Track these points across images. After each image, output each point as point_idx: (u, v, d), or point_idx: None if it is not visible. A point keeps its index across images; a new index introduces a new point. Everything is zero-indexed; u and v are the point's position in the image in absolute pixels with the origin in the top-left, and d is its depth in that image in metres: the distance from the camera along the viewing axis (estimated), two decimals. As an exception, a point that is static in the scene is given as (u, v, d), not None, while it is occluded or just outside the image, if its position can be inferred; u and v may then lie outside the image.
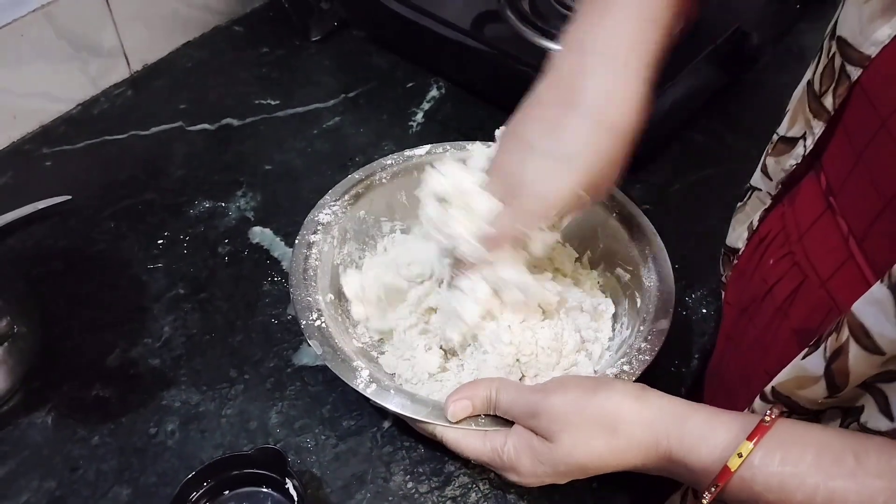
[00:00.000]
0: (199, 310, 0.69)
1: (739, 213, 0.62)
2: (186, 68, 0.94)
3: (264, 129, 0.87)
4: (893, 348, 0.38)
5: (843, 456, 0.41)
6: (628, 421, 0.48)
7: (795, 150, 0.52)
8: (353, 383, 0.55)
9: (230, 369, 0.65)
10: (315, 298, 0.61)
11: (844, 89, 0.46)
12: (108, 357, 0.66)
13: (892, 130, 0.41)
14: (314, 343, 0.58)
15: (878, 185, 0.43)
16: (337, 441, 0.61)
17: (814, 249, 0.50)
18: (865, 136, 0.44)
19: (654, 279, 0.63)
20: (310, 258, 0.64)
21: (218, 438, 0.61)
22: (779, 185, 0.55)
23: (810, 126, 0.50)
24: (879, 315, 0.38)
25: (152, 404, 0.63)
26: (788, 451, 0.43)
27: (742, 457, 0.43)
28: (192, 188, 0.80)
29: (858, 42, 0.44)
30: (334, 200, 0.69)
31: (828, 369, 0.42)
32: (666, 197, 0.81)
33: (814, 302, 0.49)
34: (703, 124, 0.90)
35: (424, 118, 0.89)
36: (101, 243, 0.75)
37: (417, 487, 0.58)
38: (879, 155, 0.43)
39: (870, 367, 0.40)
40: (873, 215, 0.43)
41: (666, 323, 0.59)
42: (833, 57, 0.46)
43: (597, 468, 0.49)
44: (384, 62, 0.96)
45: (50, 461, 0.59)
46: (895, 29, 0.41)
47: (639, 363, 0.57)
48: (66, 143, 0.84)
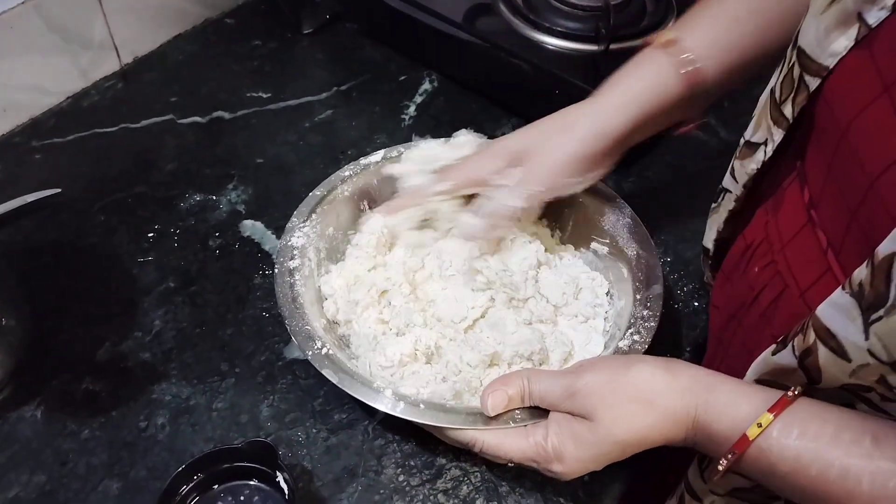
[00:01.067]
0: (189, 303, 0.69)
1: (714, 214, 0.63)
2: (177, 61, 0.94)
3: (256, 123, 0.87)
4: (858, 356, 0.39)
5: (862, 437, 0.42)
6: (663, 393, 0.49)
7: (756, 155, 0.53)
8: (381, 405, 0.54)
9: (221, 363, 0.65)
10: (313, 326, 0.59)
11: (803, 98, 0.46)
12: (98, 351, 0.65)
13: (851, 141, 0.42)
14: (328, 373, 0.56)
15: (845, 196, 0.44)
16: (328, 434, 0.61)
17: (795, 260, 0.50)
18: (831, 148, 0.45)
19: (635, 247, 0.64)
20: (295, 286, 0.62)
21: (209, 432, 0.60)
22: (743, 187, 0.56)
23: (771, 133, 0.51)
24: (844, 319, 0.39)
25: (142, 398, 0.63)
26: (807, 425, 0.43)
27: (761, 427, 0.44)
28: (182, 181, 0.80)
29: (816, 53, 0.44)
30: (302, 222, 0.67)
31: (801, 364, 0.43)
32: (659, 191, 0.81)
33: (792, 311, 0.50)
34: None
35: (417, 111, 0.89)
36: (92, 237, 0.74)
37: (409, 480, 0.58)
38: (842, 166, 0.44)
39: (840, 372, 0.41)
40: (844, 225, 0.44)
41: (659, 287, 0.61)
42: (793, 66, 0.47)
43: (639, 444, 0.50)
44: (377, 55, 0.96)
45: (40, 455, 0.59)
46: (851, 40, 0.42)
47: (646, 331, 0.58)
48: (56, 136, 0.84)
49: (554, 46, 0.83)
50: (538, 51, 0.83)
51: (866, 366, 0.38)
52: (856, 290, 0.38)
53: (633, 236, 0.65)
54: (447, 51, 0.90)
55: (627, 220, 0.66)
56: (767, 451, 0.44)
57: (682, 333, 0.69)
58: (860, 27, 0.41)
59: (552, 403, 0.52)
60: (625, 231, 0.65)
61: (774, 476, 0.44)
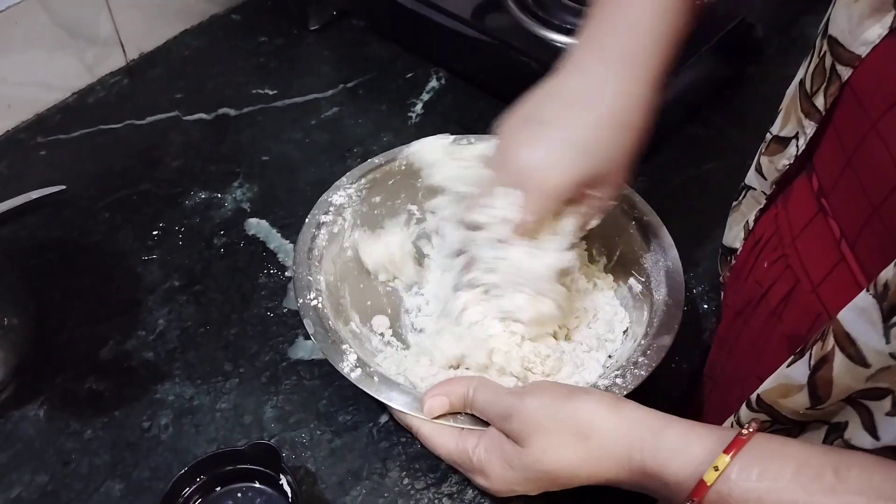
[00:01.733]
0: (193, 302, 0.69)
1: (735, 213, 0.61)
2: (183, 57, 0.93)
3: (262, 120, 0.86)
4: (879, 360, 0.37)
5: (823, 472, 0.40)
6: (601, 430, 0.47)
7: (788, 150, 0.51)
8: (339, 366, 0.55)
9: (225, 363, 0.64)
10: (316, 278, 0.61)
11: (835, 89, 0.45)
12: (101, 350, 0.65)
13: (882, 133, 0.40)
14: (307, 322, 0.58)
15: (866, 189, 0.42)
16: (332, 436, 0.60)
17: (807, 252, 0.49)
18: (855, 139, 0.43)
19: (664, 292, 0.61)
20: (317, 238, 0.64)
21: (212, 433, 0.60)
22: (773, 184, 0.54)
23: (802, 126, 0.49)
24: (865, 324, 0.37)
25: (146, 398, 0.62)
26: (767, 465, 0.41)
27: (718, 470, 0.42)
28: (187, 179, 0.79)
29: (848, 42, 0.43)
30: (350, 183, 0.68)
31: (811, 378, 0.41)
32: (668, 190, 0.80)
33: (804, 307, 0.48)
34: (705, 117, 0.89)
35: (424, 109, 0.88)
36: (96, 234, 0.74)
37: (413, 484, 0.57)
38: (868, 158, 0.42)
39: (854, 380, 0.39)
40: (863, 218, 0.42)
41: (669, 339, 0.57)
42: (824, 56, 0.46)
43: (567, 478, 0.48)
44: (384, 52, 0.95)
45: (42, 455, 0.59)
46: (885, 28, 0.40)
47: (633, 377, 0.55)
48: (60, 133, 0.83)
49: (563, 44, 0.82)
50: (547, 48, 0.82)
51: (888, 369, 0.37)
52: (880, 292, 0.36)
53: (667, 280, 0.62)
54: (455, 48, 0.89)
55: (668, 264, 0.63)
56: (728, 495, 0.41)
57: (692, 337, 0.68)
58: (895, 15, 0.40)
59: (490, 418, 0.51)
60: (661, 273, 0.63)
61: None
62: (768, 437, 0.43)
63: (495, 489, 0.51)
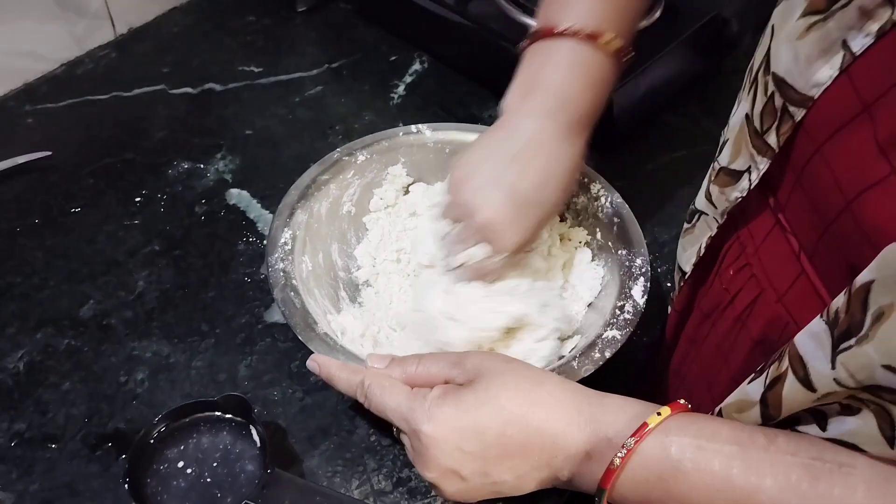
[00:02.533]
0: (173, 266, 0.70)
1: (689, 235, 0.61)
2: (172, 33, 0.95)
3: (246, 96, 0.88)
4: (824, 385, 0.38)
5: (755, 435, 0.42)
6: (552, 380, 0.48)
7: (740, 183, 0.50)
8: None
9: (202, 323, 0.66)
10: (295, 234, 0.64)
11: (788, 128, 0.44)
12: (82, 308, 0.67)
13: (827, 157, 0.41)
14: (268, 265, 0.61)
15: (816, 208, 0.43)
16: (303, 395, 0.62)
17: (769, 263, 0.50)
18: (801, 161, 0.44)
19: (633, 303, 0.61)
20: (309, 198, 0.67)
21: (187, 388, 0.62)
22: (724, 214, 0.54)
23: (755, 161, 0.48)
24: (817, 349, 0.38)
25: (123, 354, 0.64)
26: (703, 425, 0.43)
27: (661, 416, 0.43)
28: (172, 149, 0.81)
29: (799, 84, 0.42)
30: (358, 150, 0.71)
31: (764, 395, 0.42)
32: (639, 176, 0.82)
33: (770, 316, 0.49)
34: (680, 108, 0.91)
35: (406, 91, 0.90)
36: (80, 199, 0.75)
37: (380, 440, 0.60)
38: (814, 179, 0.43)
39: (802, 402, 0.40)
40: (817, 235, 0.43)
41: (619, 335, 0.58)
42: (772, 96, 0.45)
43: (519, 418, 0.46)
44: (369, 35, 0.97)
45: (20, 404, 0.60)
46: (835, 70, 0.39)
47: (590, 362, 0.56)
48: (48, 102, 0.85)
49: (542, 31, 0.85)
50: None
51: (833, 393, 0.38)
52: (831, 318, 0.37)
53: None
54: (438, 33, 0.91)
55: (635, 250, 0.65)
56: (668, 444, 0.43)
57: (655, 311, 0.70)
58: (845, 55, 0.38)
59: (439, 372, 0.50)
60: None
61: (677, 477, 0.42)
62: None
63: (438, 437, 0.46)
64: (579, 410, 0.46)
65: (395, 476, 0.58)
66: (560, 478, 0.47)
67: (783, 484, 0.40)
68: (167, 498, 0.52)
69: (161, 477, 0.53)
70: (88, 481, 0.56)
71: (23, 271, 0.69)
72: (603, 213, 0.67)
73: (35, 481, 0.56)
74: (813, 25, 0.40)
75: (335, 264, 0.68)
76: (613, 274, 0.63)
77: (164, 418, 0.54)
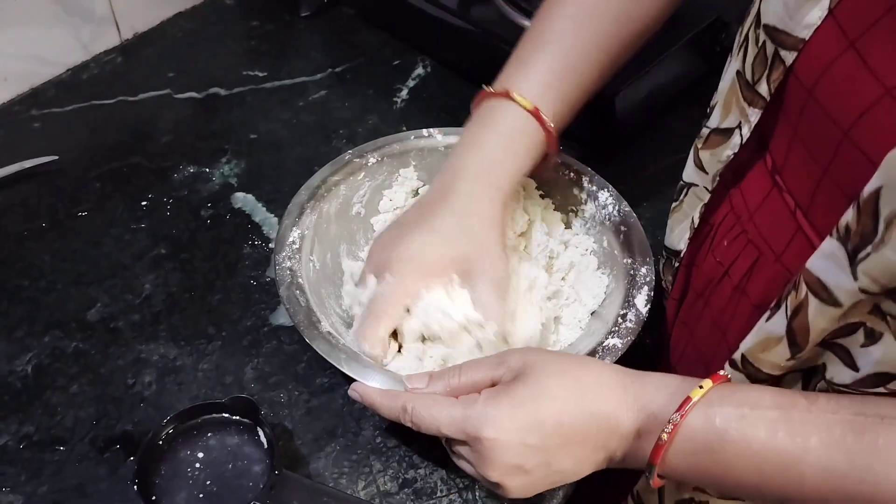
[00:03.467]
0: (179, 269, 0.71)
1: (676, 213, 0.62)
2: (176, 38, 0.96)
3: (251, 100, 0.89)
4: (849, 298, 0.39)
5: (796, 399, 0.43)
6: (596, 363, 0.50)
7: (731, 140, 0.52)
8: (316, 343, 0.57)
9: (208, 326, 0.67)
10: (304, 233, 0.64)
11: (779, 74, 0.46)
12: (89, 311, 0.67)
13: (819, 99, 0.43)
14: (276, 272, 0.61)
15: (814, 155, 0.45)
16: (309, 397, 0.63)
17: (765, 226, 0.51)
18: (797, 110, 0.45)
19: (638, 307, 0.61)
20: (321, 194, 0.67)
21: (194, 390, 0.62)
22: (716, 177, 0.55)
23: (745, 115, 0.50)
24: (834, 267, 0.39)
25: (131, 357, 0.64)
26: (746, 394, 0.45)
27: (703, 388, 0.44)
28: (177, 154, 0.82)
29: (790, 27, 0.44)
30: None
31: (789, 328, 0.43)
32: (640, 179, 0.83)
33: (770, 276, 0.50)
34: (681, 111, 0.91)
35: (409, 95, 0.91)
36: (87, 203, 0.76)
37: (386, 442, 0.60)
38: (811, 125, 0.45)
39: (829, 322, 0.41)
40: (814, 183, 0.45)
41: (620, 343, 0.58)
42: (764, 45, 0.47)
43: (574, 402, 0.47)
44: (373, 39, 0.98)
45: (29, 407, 0.61)
46: (824, 10, 0.42)
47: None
48: (55, 106, 0.86)
49: (544, 35, 0.85)
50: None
51: (858, 303, 0.39)
52: (842, 235, 0.38)
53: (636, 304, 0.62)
54: (441, 37, 0.92)
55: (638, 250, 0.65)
56: (712, 416, 0.44)
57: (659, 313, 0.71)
58: None
59: (483, 377, 0.50)
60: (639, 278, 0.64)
61: (724, 446, 0.43)
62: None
63: (503, 440, 0.46)
64: (625, 389, 0.47)
65: (400, 477, 0.58)
66: (614, 458, 0.48)
67: (828, 441, 0.41)
68: (176, 499, 0.52)
69: (169, 479, 0.53)
70: (97, 483, 0.57)
71: (30, 275, 0.70)
72: (610, 222, 0.68)
73: (44, 483, 0.57)
74: None
75: (342, 265, 0.69)
76: (618, 282, 0.64)
77: (172, 420, 0.55)
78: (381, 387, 0.54)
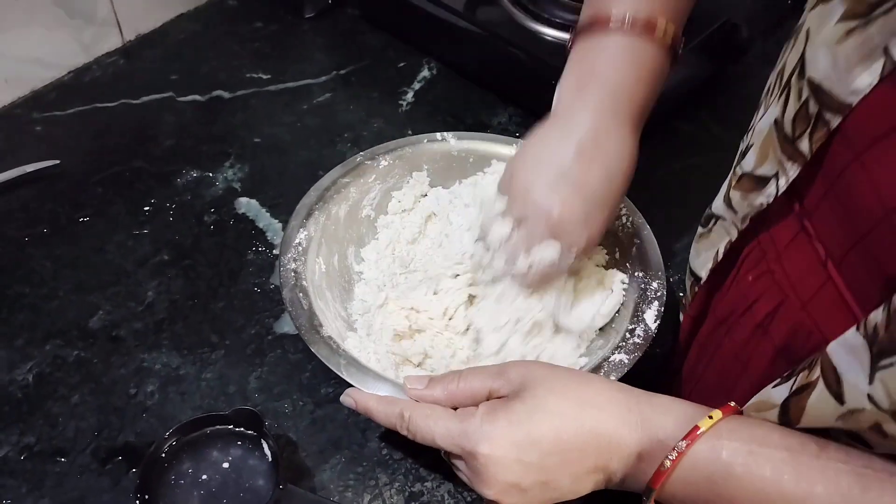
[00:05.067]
0: (182, 276, 0.70)
1: (704, 240, 0.60)
2: (179, 40, 0.95)
3: (255, 103, 0.87)
4: (855, 400, 0.37)
5: (806, 442, 0.41)
6: (600, 380, 0.48)
7: (767, 189, 0.49)
8: (316, 346, 0.56)
9: (211, 334, 0.66)
10: (310, 234, 0.64)
11: (822, 135, 0.43)
12: (91, 318, 0.66)
13: (866, 164, 0.40)
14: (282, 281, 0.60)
15: (851, 217, 0.42)
16: (314, 407, 0.62)
17: (792, 269, 0.48)
18: (836, 169, 0.43)
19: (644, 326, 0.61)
20: (329, 199, 0.66)
21: (197, 401, 0.62)
22: (746, 218, 0.52)
23: (783, 167, 0.47)
24: (854, 361, 0.37)
25: (133, 366, 0.64)
26: (755, 429, 0.43)
27: (713, 419, 0.43)
28: (180, 157, 0.81)
29: (836, 90, 0.41)
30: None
31: (786, 401, 0.42)
32: (650, 183, 0.81)
33: (794, 323, 0.48)
34: (690, 114, 0.91)
35: (415, 98, 0.90)
36: (88, 208, 0.75)
37: (392, 454, 0.59)
38: (851, 188, 0.42)
39: (825, 415, 0.40)
40: (849, 244, 0.42)
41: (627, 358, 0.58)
42: (807, 101, 0.44)
43: (573, 419, 0.45)
44: (377, 41, 0.97)
45: (30, 417, 0.60)
46: (875, 77, 0.38)
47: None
48: (56, 109, 0.85)
49: (552, 38, 0.84)
50: (537, 41, 0.84)
51: (861, 411, 0.37)
52: (870, 333, 0.36)
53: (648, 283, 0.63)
54: (447, 39, 0.91)
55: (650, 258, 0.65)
56: (719, 448, 0.42)
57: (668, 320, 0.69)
58: (885, 62, 0.37)
59: (482, 387, 0.49)
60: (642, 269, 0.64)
61: (727, 480, 0.42)
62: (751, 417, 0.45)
63: (498, 456, 0.45)
64: (630, 410, 0.46)
65: (407, 491, 0.57)
66: (613, 479, 0.46)
67: (833, 491, 0.40)
68: None
69: (172, 491, 0.52)
70: (98, 496, 0.56)
71: (32, 281, 0.69)
72: (623, 233, 0.67)
73: (45, 496, 0.56)
74: (853, 30, 0.39)
75: (350, 268, 0.68)
76: (628, 296, 0.63)
77: (175, 432, 0.54)
78: (379, 393, 0.54)
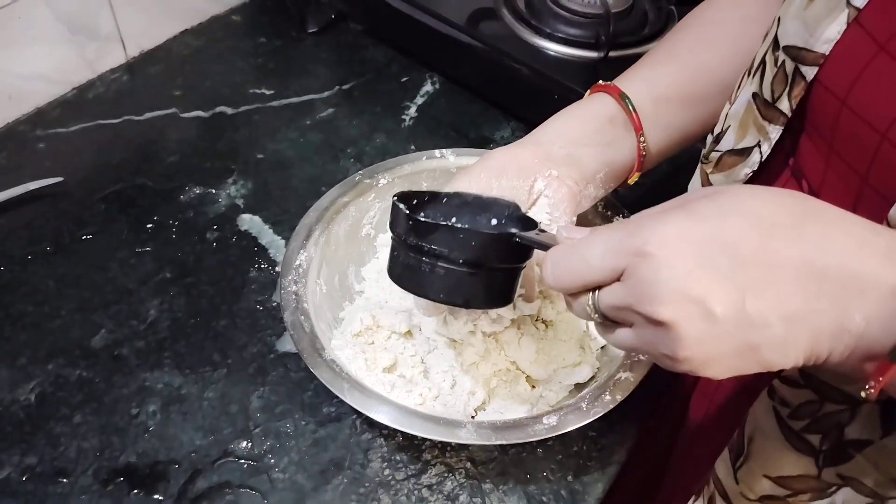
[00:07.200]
0: (185, 294, 0.70)
1: None
2: (182, 56, 0.95)
3: (258, 119, 0.88)
4: None
5: None
6: (821, 202, 0.37)
7: (750, 158, 0.52)
8: (339, 389, 0.55)
9: (214, 353, 0.66)
10: (311, 254, 0.63)
11: (801, 89, 0.47)
12: (93, 338, 0.66)
13: (853, 106, 0.43)
14: (287, 315, 0.59)
15: (851, 164, 0.45)
16: (316, 427, 0.61)
17: None
18: (829, 122, 0.46)
19: None
20: (331, 221, 0.66)
21: (199, 421, 0.61)
22: None
23: (765, 132, 0.51)
24: None
25: (135, 386, 0.63)
26: None
27: None
28: (183, 174, 0.81)
29: (810, 43, 0.45)
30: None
31: None
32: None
33: None
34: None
35: (418, 112, 0.90)
36: (91, 225, 0.75)
37: (394, 475, 0.59)
38: (847, 134, 0.45)
39: None
40: (855, 194, 0.44)
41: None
42: (783, 64, 0.48)
43: (791, 232, 0.34)
44: (380, 56, 0.97)
45: (32, 437, 0.60)
46: (842, 25, 0.44)
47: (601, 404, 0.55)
48: (60, 126, 0.85)
49: (554, 52, 0.84)
50: (539, 56, 0.84)
51: None
52: None
53: None
54: (449, 53, 0.91)
55: None
56: None
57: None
58: (849, 10, 0.43)
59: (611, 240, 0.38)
60: None
61: None
62: None
63: (677, 263, 0.34)
64: (877, 233, 0.34)
65: (409, 511, 0.57)
66: (848, 324, 0.33)
67: None
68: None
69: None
70: (100, 517, 0.56)
71: (34, 299, 0.69)
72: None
73: (47, 517, 0.56)
74: None
75: (351, 288, 0.68)
76: None
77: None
78: (386, 417, 0.54)
